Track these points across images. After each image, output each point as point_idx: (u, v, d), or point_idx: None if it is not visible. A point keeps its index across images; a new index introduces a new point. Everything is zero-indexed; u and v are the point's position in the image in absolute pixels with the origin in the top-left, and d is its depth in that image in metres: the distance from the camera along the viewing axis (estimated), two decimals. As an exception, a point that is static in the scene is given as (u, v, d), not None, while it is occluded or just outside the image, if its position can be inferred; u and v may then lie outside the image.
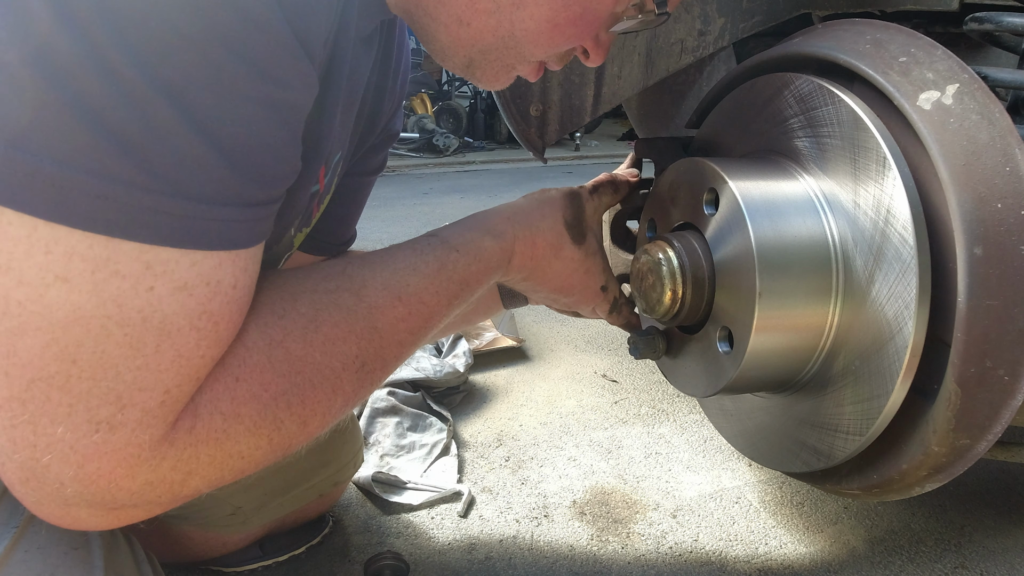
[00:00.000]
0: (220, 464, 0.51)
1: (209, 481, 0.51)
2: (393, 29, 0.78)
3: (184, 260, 0.45)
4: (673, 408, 1.54)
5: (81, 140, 0.40)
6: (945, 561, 1.08)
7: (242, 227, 0.47)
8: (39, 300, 0.42)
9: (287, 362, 0.53)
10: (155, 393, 0.46)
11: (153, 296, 0.44)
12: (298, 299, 0.56)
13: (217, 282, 0.47)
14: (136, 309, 0.44)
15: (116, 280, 0.43)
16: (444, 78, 8.04)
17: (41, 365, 0.43)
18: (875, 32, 0.71)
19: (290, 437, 0.54)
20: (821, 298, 0.67)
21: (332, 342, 0.56)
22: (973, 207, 0.60)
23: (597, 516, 1.17)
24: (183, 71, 0.41)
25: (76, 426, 0.44)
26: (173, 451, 0.48)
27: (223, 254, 0.47)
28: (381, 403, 1.40)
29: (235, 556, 1.03)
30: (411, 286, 0.63)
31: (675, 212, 0.78)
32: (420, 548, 1.09)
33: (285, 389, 0.53)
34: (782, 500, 1.22)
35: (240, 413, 0.50)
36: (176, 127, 0.42)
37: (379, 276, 0.62)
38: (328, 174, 0.72)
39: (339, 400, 0.57)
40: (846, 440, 0.68)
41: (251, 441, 0.51)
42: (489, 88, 0.71)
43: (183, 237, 0.44)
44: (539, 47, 0.63)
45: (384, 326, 0.60)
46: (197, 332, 0.47)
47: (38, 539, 0.56)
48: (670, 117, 1.32)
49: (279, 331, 0.54)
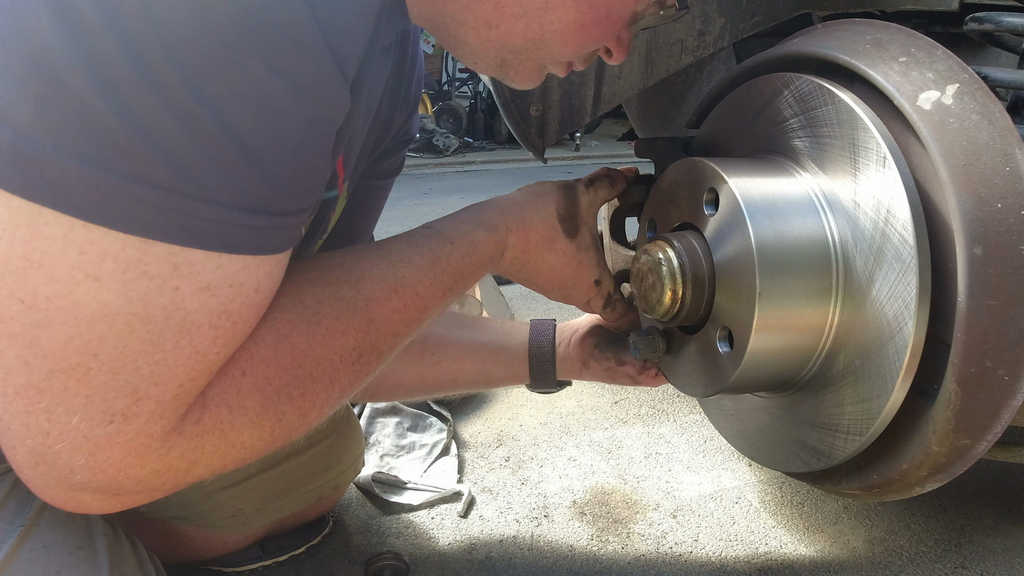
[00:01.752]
0: (223, 454, 0.52)
1: (212, 469, 0.53)
2: (408, 37, 0.79)
3: (210, 262, 0.47)
4: (673, 408, 1.54)
5: (127, 147, 0.42)
6: (945, 561, 1.08)
7: (270, 234, 0.49)
8: (67, 296, 0.44)
9: (291, 356, 0.55)
10: (170, 387, 0.48)
11: (178, 295, 0.46)
12: (303, 291, 0.58)
13: (240, 284, 0.49)
14: (160, 307, 0.46)
15: (144, 280, 0.45)
16: (444, 78, 8.05)
17: (63, 357, 0.44)
18: (875, 32, 0.71)
19: (290, 428, 0.56)
20: (821, 298, 0.67)
21: (332, 335, 0.58)
22: (973, 207, 0.60)
23: (597, 516, 1.17)
24: (227, 87, 0.44)
25: (91, 416, 0.46)
26: (181, 441, 0.49)
27: (248, 258, 0.49)
28: (381, 403, 1.40)
29: (235, 556, 1.03)
30: (406, 278, 0.64)
31: (675, 212, 0.78)
32: (420, 548, 1.09)
33: (287, 383, 0.54)
34: (782, 500, 1.22)
35: (245, 406, 0.52)
36: (217, 139, 0.44)
37: (376, 268, 0.63)
38: (346, 180, 0.74)
39: (336, 391, 0.59)
40: (846, 440, 0.68)
41: (254, 432, 0.53)
42: (522, 87, 0.71)
43: (212, 240, 0.46)
44: (568, 47, 0.64)
45: (380, 318, 0.62)
46: (215, 330, 0.49)
47: (43, 538, 0.56)
48: (670, 117, 1.32)
49: (285, 326, 0.55)
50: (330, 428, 1.03)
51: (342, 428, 1.06)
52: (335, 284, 0.60)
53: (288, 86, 0.46)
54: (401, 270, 0.65)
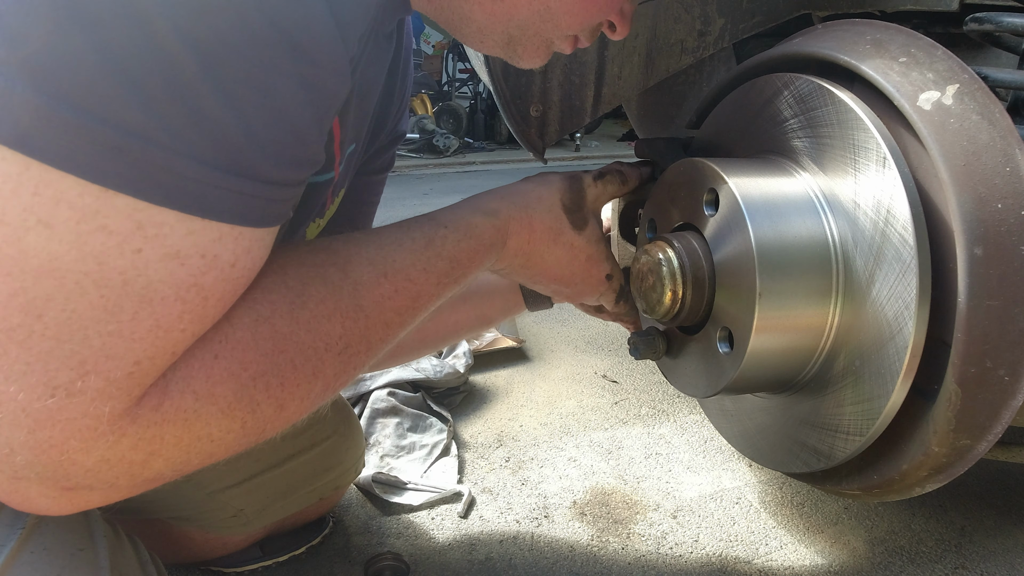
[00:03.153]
0: (187, 446, 0.47)
1: (174, 465, 0.47)
2: (402, 31, 0.78)
3: (181, 226, 0.42)
4: (673, 409, 1.54)
5: (100, 86, 0.38)
6: (945, 562, 1.08)
7: (253, 203, 0.45)
8: (15, 243, 0.39)
9: (272, 340, 0.50)
10: (123, 363, 0.43)
11: (139, 259, 0.42)
12: (287, 271, 0.53)
13: (214, 256, 0.44)
14: (118, 270, 0.41)
15: (102, 235, 0.40)
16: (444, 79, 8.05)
17: (4, 315, 0.40)
18: (875, 32, 0.71)
19: (265, 421, 0.51)
20: (821, 298, 0.67)
21: (318, 320, 0.53)
22: (973, 207, 0.60)
23: (597, 517, 1.17)
24: (216, 30, 0.40)
25: (31, 387, 0.41)
26: (134, 428, 0.44)
27: (226, 227, 0.44)
28: (381, 404, 1.40)
29: (236, 556, 1.03)
30: (397, 262, 0.60)
31: (675, 212, 0.78)
32: (420, 549, 1.09)
33: (265, 369, 0.49)
34: (782, 501, 1.22)
35: (215, 393, 0.47)
36: (199, 86, 0.40)
37: (364, 252, 0.59)
38: (342, 163, 0.71)
39: (319, 384, 0.54)
40: (846, 440, 0.68)
41: (223, 424, 0.48)
42: (529, 66, 0.70)
43: (185, 200, 0.42)
44: (574, 19, 0.63)
45: (369, 305, 0.57)
46: (182, 304, 0.44)
47: (44, 540, 0.56)
48: (670, 117, 1.32)
49: (267, 306, 0.50)
50: (332, 428, 1.03)
51: (343, 428, 1.06)
52: (321, 266, 0.55)
53: (283, 39, 0.42)
54: (391, 254, 0.60)
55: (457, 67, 8.09)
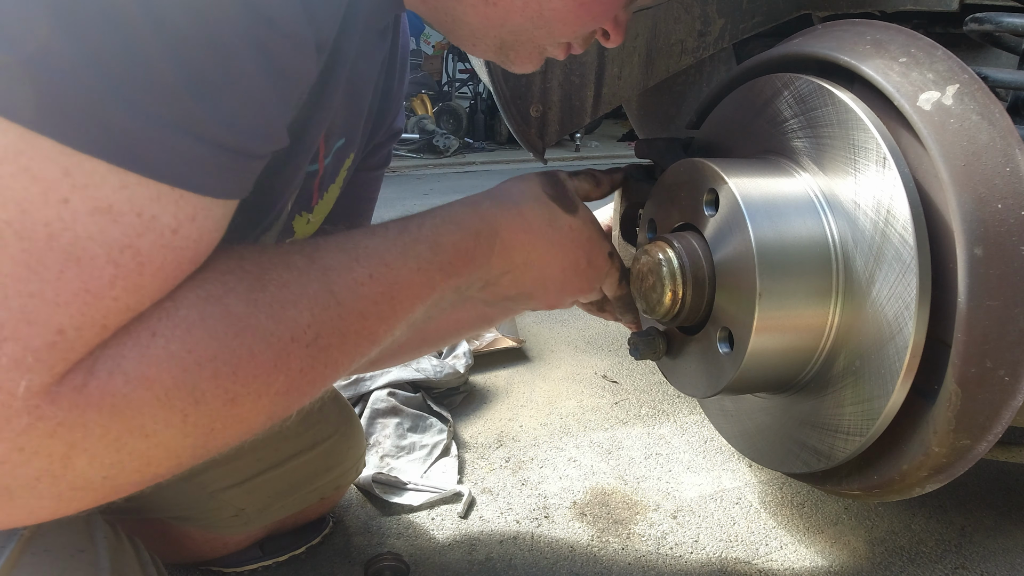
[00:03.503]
0: (115, 440, 0.40)
1: (100, 463, 0.40)
2: (398, 26, 0.78)
3: (112, 178, 0.38)
4: (673, 409, 1.54)
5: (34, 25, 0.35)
6: (945, 562, 1.08)
7: (197, 165, 0.40)
8: None
9: (225, 321, 0.44)
10: (44, 330, 0.37)
11: (67, 210, 0.37)
12: (244, 256, 0.48)
13: (152, 217, 0.40)
14: (43, 221, 0.37)
15: (24, 179, 0.36)
16: (444, 79, 8.05)
17: None
18: (875, 33, 0.71)
19: (212, 417, 0.44)
20: (821, 299, 0.67)
21: (282, 305, 0.47)
22: (973, 207, 0.60)
23: (597, 517, 1.17)
24: None
25: None
26: (53, 410, 0.38)
27: (164, 187, 0.40)
28: (381, 404, 1.40)
29: (236, 556, 1.03)
30: (369, 248, 0.55)
31: (675, 212, 0.78)
32: (420, 549, 1.09)
33: (215, 354, 0.43)
34: (782, 501, 1.22)
35: (149, 376, 0.41)
36: (140, 27, 0.36)
37: (332, 240, 0.55)
38: (328, 156, 0.69)
39: (281, 379, 0.47)
40: (846, 441, 0.68)
41: (160, 415, 0.41)
42: (521, 71, 0.69)
43: (117, 149, 0.37)
44: (567, 26, 0.63)
45: (343, 290, 0.52)
46: (115, 268, 0.39)
47: (45, 542, 0.56)
48: (670, 118, 1.32)
49: (219, 286, 0.45)
50: (334, 427, 1.04)
51: (345, 428, 1.06)
52: (285, 254, 0.50)
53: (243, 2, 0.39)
54: (362, 240, 0.56)
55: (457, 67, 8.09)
